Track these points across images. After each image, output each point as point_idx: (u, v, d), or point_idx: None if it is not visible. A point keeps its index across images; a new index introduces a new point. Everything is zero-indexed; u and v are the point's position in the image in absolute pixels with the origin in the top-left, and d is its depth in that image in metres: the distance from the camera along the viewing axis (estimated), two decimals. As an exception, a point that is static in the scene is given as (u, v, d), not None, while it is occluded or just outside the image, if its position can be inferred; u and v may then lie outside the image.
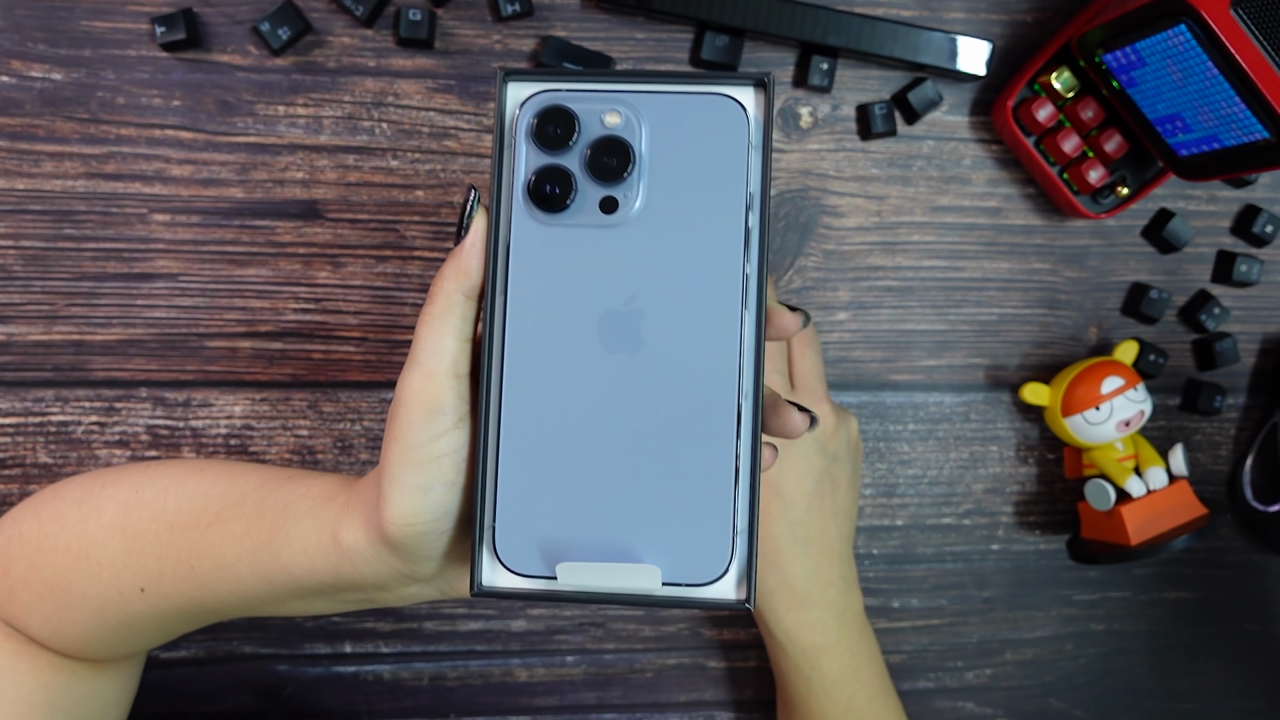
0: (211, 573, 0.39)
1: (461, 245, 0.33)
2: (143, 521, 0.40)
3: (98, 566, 0.40)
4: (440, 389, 0.33)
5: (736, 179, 0.33)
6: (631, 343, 0.33)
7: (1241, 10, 0.45)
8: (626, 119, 0.33)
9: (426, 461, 0.33)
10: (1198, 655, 0.63)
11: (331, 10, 0.54)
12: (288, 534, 0.37)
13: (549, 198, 0.33)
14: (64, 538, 0.41)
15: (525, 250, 0.33)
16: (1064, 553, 0.61)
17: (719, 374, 0.33)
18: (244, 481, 0.40)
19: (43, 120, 0.53)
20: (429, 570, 0.36)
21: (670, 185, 0.33)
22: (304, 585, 0.37)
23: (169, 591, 0.40)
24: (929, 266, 0.59)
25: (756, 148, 0.33)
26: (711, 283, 0.33)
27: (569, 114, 0.33)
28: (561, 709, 0.60)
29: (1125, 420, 0.56)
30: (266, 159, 0.55)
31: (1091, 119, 0.54)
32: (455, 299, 0.33)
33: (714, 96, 0.33)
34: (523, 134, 0.33)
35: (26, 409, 0.55)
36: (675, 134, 0.33)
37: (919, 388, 0.59)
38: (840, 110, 0.57)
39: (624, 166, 0.33)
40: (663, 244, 0.33)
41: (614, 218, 0.33)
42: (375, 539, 0.35)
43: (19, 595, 0.42)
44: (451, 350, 0.33)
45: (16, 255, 0.54)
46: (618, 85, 0.33)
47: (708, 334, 0.33)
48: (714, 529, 0.33)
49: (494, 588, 0.34)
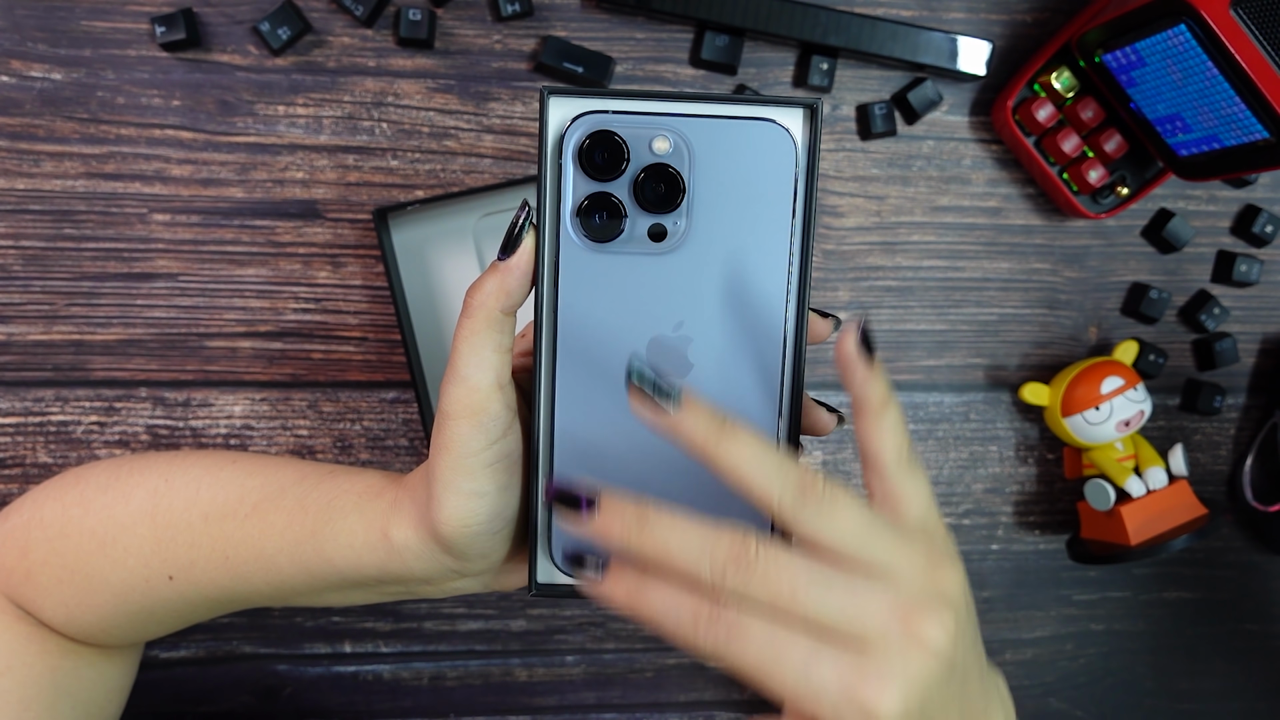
0: (248, 563, 0.39)
1: (508, 264, 0.33)
2: (174, 510, 0.40)
3: (124, 553, 0.41)
4: (487, 401, 0.33)
5: (783, 205, 0.33)
6: (680, 367, 0.34)
7: (1241, 10, 0.45)
8: (675, 145, 0.32)
9: (479, 469, 0.33)
10: (1198, 655, 0.63)
11: (331, 10, 0.54)
12: (333, 528, 0.37)
13: (598, 227, 0.33)
14: (89, 522, 0.41)
15: (574, 275, 0.33)
16: (1064, 553, 0.61)
17: (761, 393, 0.34)
18: (282, 475, 0.40)
19: (43, 120, 0.53)
20: (479, 567, 0.36)
21: (718, 211, 0.33)
22: (347, 578, 0.38)
23: (199, 580, 0.40)
24: (929, 266, 0.59)
25: (803, 173, 0.33)
26: (757, 307, 0.33)
27: (618, 141, 0.32)
28: (561, 709, 0.60)
29: (1125, 420, 0.56)
30: (266, 159, 0.55)
31: (1091, 119, 0.54)
32: (495, 315, 0.33)
33: (762, 123, 0.33)
34: (570, 158, 0.33)
35: (26, 409, 0.55)
36: (722, 160, 0.33)
37: (919, 388, 0.59)
38: (840, 110, 0.57)
39: (674, 195, 0.33)
40: (710, 271, 0.33)
41: (662, 245, 0.33)
42: (427, 537, 0.35)
43: (37, 578, 0.42)
44: (494, 363, 0.33)
45: (16, 255, 0.54)
46: (664, 108, 0.33)
47: (752, 356, 0.34)
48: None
49: (551, 585, 0.35)
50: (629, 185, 0.33)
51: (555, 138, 0.33)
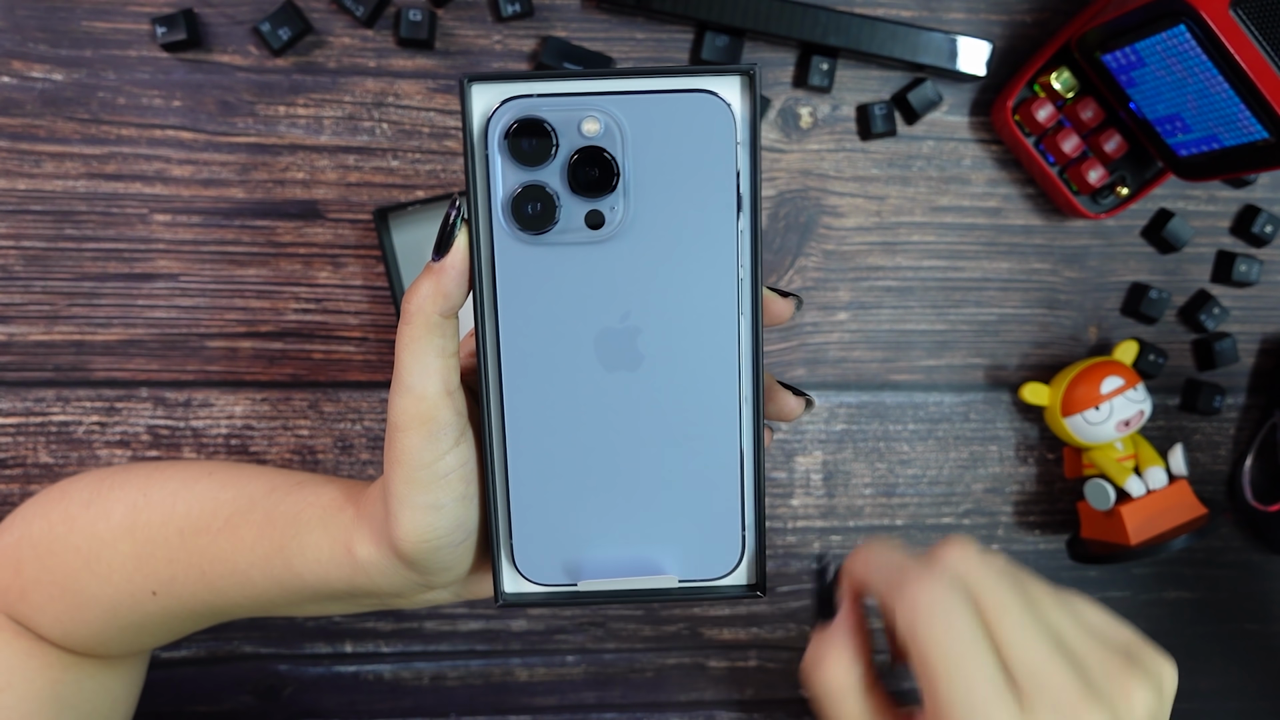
0: (224, 578, 0.39)
1: (442, 264, 0.31)
2: (152, 525, 0.40)
3: (108, 569, 0.40)
4: (435, 409, 0.32)
5: (726, 180, 0.31)
6: (630, 360, 0.32)
7: (1241, 10, 0.45)
8: (606, 125, 0.31)
9: (433, 481, 0.32)
10: (1197, 655, 0.63)
11: (332, 10, 0.54)
12: (300, 543, 0.37)
13: (531, 218, 0.31)
14: (74, 540, 0.41)
15: (511, 270, 0.32)
16: (1064, 553, 0.61)
17: (719, 380, 0.33)
18: (252, 486, 0.40)
19: (44, 120, 0.53)
20: (446, 580, 0.35)
21: (656, 192, 0.31)
22: (318, 592, 0.37)
23: (181, 594, 0.40)
24: (929, 266, 0.59)
25: (744, 145, 0.32)
26: (706, 291, 0.32)
27: (544, 125, 0.31)
28: (561, 709, 0.60)
29: (1125, 420, 0.56)
30: (267, 159, 0.55)
31: (1091, 119, 0.55)
32: (435, 320, 0.31)
33: (697, 94, 0.31)
34: (496, 148, 0.31)
35: (28, 409, 0.55)
36: (658, 137, 0.31)
37: (919, 388, 0.59)
38: (840, 110, 0.57)
39: (608, 179, 0.31)
40: (653, 256, 0.32)
41: (601, 233, 0.31)
42: (389, 554, 0.34)
43: (31, 596, 0.42)
44: (439, 369, 0.32)
45: (17, 255, 0.54)
46: (592, 86, 0.31)
47: (706, 343, 0.32)
48: (725, 526, 0.33)
49: (517, 595, 0.34)
50: (561, 171, 0.31)
51: (480, 127, 0.31)
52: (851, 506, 0.60)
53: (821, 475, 0.60)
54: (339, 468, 0.57)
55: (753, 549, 0.34)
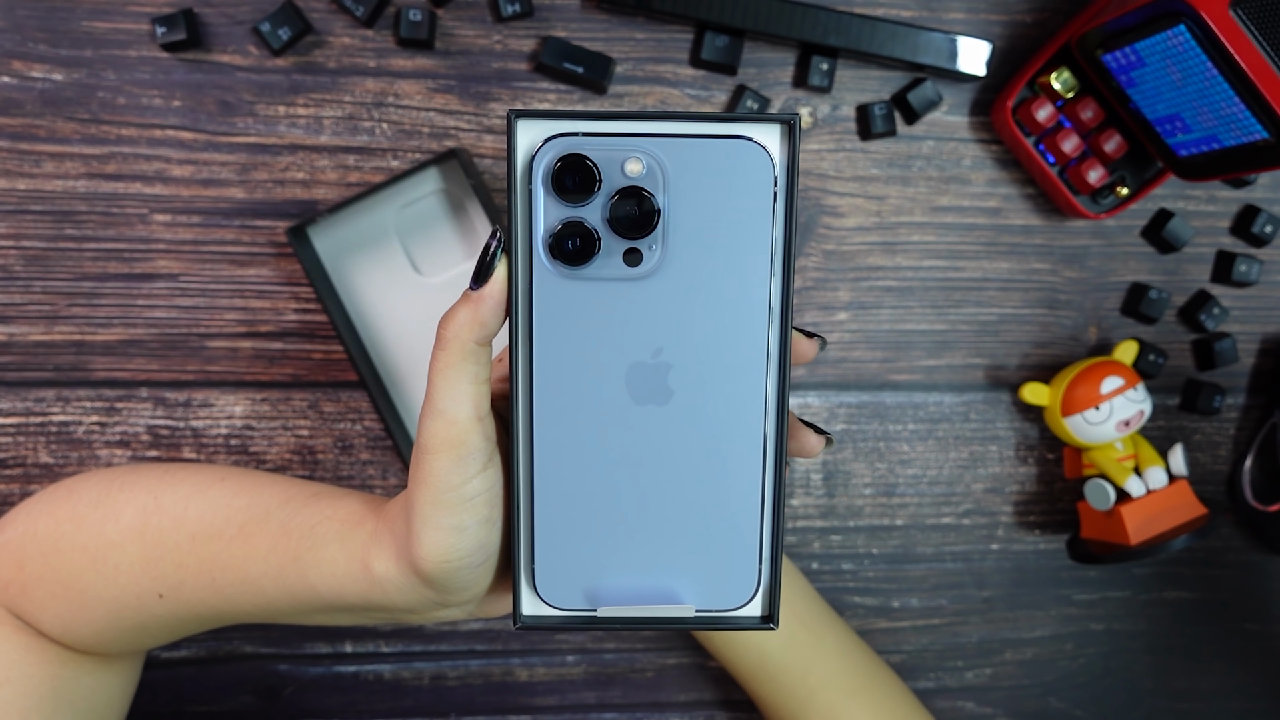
0: (234, 585, 0.39)
1: (480, 293, 0.32)
2: (162, 529, 0.40)
3: (115, 570, 0.40)
4: (465, 434, 0.32)
5: (761, 225, 0.32)
6: (660, 395, 0.33)
7: (1241, 10, 0.45)
8: (648, 167, 0.31)
9: (459, 504, 0.33)
10: (1197, 655, 0.63)
11: (332, 10, 0.54)
12: (315, 556, 0.37)
13: (571, 253, 0.32)
14: (81, 539, 0.41)
15: (548, 303, 0.32)
16: (1064, 552, 0.61)
17: (745, 418, 0.33)
18: (267, 495, 0.40)
19: (44, 120, 0.53)
20: (462, 600, 0.36)
21: (693, 234, 0.32)
22: (330, 605, 0.37)
23: (189, 599, 0.40)
24: (929, 266, 0.59)
25: (782, 191, 0.32)
26: (737, 331, 0.33)
27: (588, 165, 0.31)
28: (561, 709, 0.60)
29: (1125, 420, 0.56)
30: (267, 159, 0.55)
31: (1091, 119, 0.55)
32: (470, 347, 0.32)
33: (738, 140, 0.32)
34: (540, 183, 0.31)
35: (28, 409, 0.55)
36: (697, 180, 0.32)
37: (919, 388, 0.59)
38: (840, 110, 0.57)
39: (648, 219, 0.32)
40: (687, 295, 0.32)
41: (637, 270, 0.32)
42: (408, 571, 0.35)
43: (33, 592, 0.42)
44: (471, 395, 0.32)
45: (18, 255, 0.54)
46: (637, 128, 0.32)
47: (734, 381, 0.33)
48: (743, 559, 0.34)
49: (536, 618, 0.35)
50: (602, 209, 0.32)
51: (524, 162, 0.32)
52: (851, 506, 0.60)
53: (821, 475, 0.60)
54: (339, 468, 0.57)
55: (768, 582, 0.34)
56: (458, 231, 0.54)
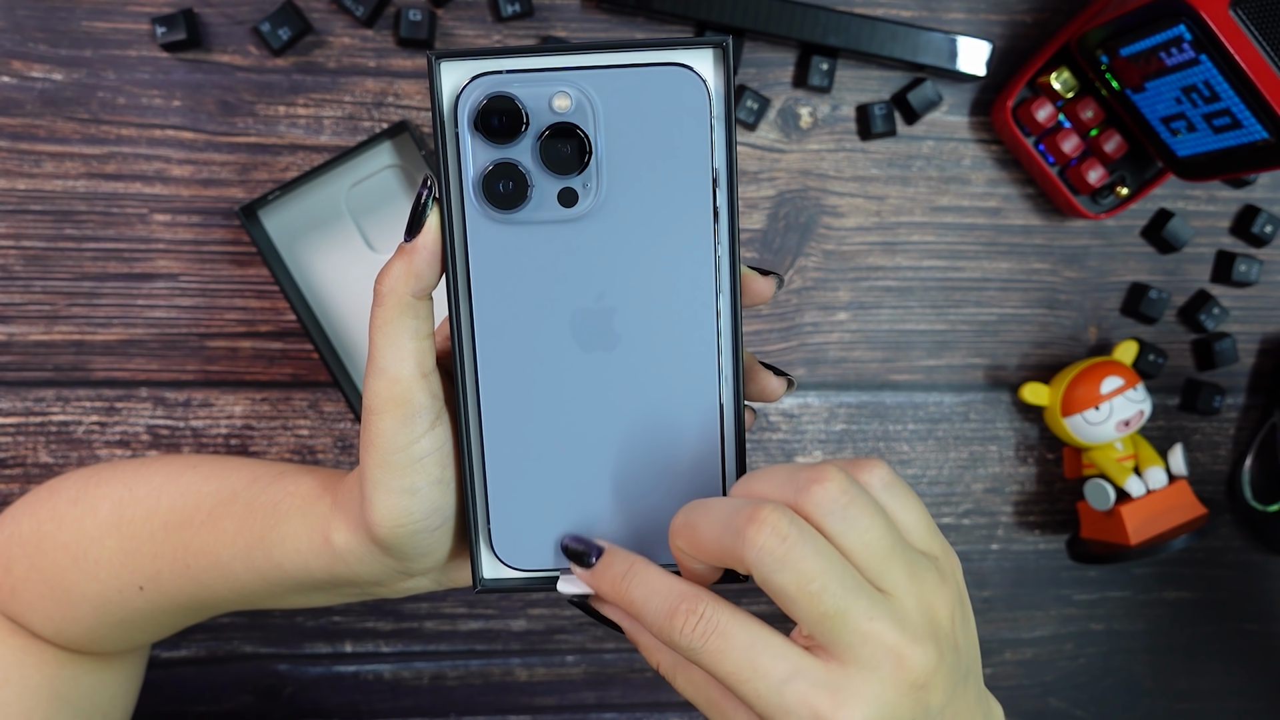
0: (208, 571, 0.39)
1: (414, 245, 0.31)
2: (137, 520, 0.40)
3: (95, 566, 0.40)
4: (409, 392, 0.31)
5: (700, 156, 0.31)
6: (606, 340, 0.32)
7: (1241, 10, 0.45)
8: (577, 101, 0.30)
9: (408, 465, 0.32)
10: (1197, 655, 0.63)
11: (332, 10, 0.54)
12: (279, 533, 0.37)
13: (503, 196, 0.31)
14: (62, 537, 0.41)
15: (484, 249, 0.31)
16: (1064, 552, 0.61)
17: (698, 361, 0.32)
18: (235, 478, 0.40)
19: (43, 120, 0.53)
20: (424, 566, 0.35)
21: (630, 169, 0.31)
22: (300, 582, 0.37)
23: (168, 589, 0.40)
24: (929, 266, 0.59)
25: (719, 119, 0.31)
26: (683, 270, 0.31)
27: (513, 101, 0.30)
28: (561, 709, 0.60)
29: (1125, 420, 0.56)
30: (267, 159, 0.55)
31: (1091, 119, 0.55)
32: (407, 301, 0.31)
33: (669, 68, 0.30)
34: (465, 125, 0.30)
35: (27, 409, 0.55)
36: (631, 113, 0.30)
37: (919, 388, 0.59)
38: (840, 110, 0.57)
39: (580, 156, 0.30)
40: (628, 234, 0.31)
41: (574, 211, 0.31)
42: (365, 541, 0.34)
43: (21, 594, 0.42)
44: (413, 351, 0.31)
45: (17, 255, 0.54)
46: (563, 62, 0.30)
47: (683, 323, 0.32)
48: None
49: (496, 580, 0.34)
50: (532, 148, 0.30)
51: (449, 105, 0.30)
52: (851, 506, 0.60)
53: (821, 475, 0.60)
54: (339, 467, 0.57)
55: None
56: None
